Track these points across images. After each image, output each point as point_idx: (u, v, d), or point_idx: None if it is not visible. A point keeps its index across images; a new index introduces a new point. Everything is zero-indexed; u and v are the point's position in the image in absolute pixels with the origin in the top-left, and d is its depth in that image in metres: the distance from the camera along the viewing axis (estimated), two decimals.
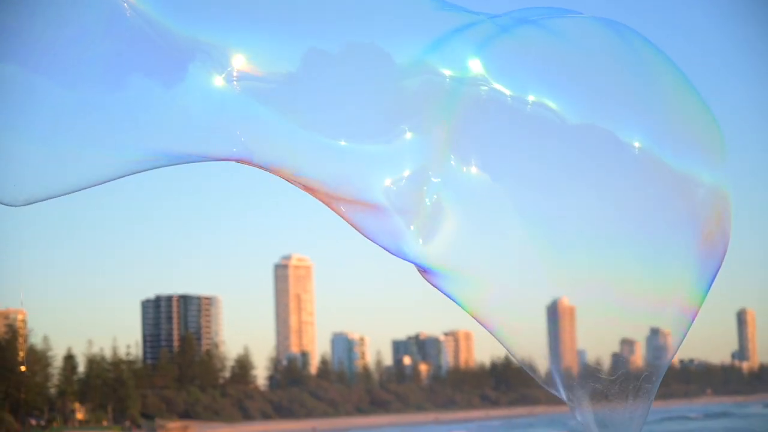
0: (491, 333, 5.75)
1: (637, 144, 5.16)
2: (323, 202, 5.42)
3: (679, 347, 5.62)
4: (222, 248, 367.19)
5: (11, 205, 5.10)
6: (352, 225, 5.63)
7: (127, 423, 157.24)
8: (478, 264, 5.44)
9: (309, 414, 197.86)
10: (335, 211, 5.52)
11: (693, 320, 5.44)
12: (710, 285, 5.33)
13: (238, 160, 5.27)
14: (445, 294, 5.62)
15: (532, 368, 5.83)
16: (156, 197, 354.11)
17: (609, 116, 5.16)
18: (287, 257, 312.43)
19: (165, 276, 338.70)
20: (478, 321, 5.71)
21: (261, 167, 5.33)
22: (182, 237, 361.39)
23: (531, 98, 5.12)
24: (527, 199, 5.22)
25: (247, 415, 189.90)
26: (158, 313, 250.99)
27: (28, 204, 5.14)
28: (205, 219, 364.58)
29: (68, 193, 5.20)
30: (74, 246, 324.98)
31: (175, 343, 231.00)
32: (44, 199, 5.16)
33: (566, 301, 5.44)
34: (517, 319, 5.63)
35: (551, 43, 5.20)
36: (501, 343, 5.77)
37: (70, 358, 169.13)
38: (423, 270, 5.58)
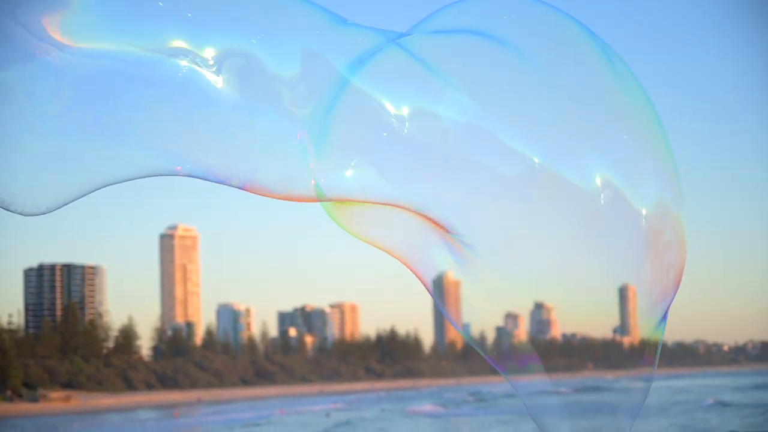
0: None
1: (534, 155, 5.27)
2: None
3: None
4: (107, 217, 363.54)
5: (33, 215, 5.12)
6: None
7: (9, 392, 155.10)
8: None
9: (193, 384, 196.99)
10: None
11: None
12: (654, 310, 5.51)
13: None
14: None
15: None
16: None
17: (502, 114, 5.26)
18: (173, 227, 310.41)
19: (48, 244, 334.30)
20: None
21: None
22: (66, 205, 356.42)
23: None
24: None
25: (130, 386, 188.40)
26: (41, 281, 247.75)
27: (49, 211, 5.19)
28: None
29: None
30: None
31: (58, 313, 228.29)
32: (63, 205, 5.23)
33: (451, 275, 5.50)
34: None
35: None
36: None
37: None
38: None
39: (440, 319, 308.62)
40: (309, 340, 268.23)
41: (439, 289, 5.57)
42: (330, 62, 5.28)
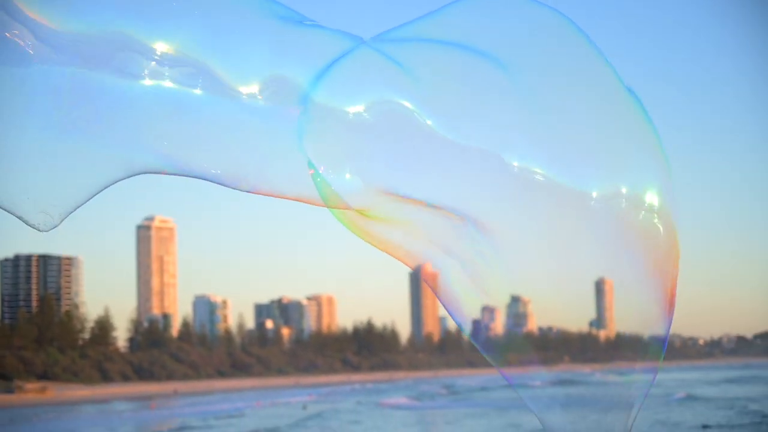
0: None
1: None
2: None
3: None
4: (83, 208, 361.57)
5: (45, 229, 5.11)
6: None
7: None
8: None
9: (170, 376, 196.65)
10: None
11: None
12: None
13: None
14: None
15: None
16: None
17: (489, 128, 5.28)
18: (150, 218, 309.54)
19: (24, 235, 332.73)
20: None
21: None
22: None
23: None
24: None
25: (106, 377, 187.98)
26: (17, 272, 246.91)
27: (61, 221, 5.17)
28: None
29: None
30: None
31: (34, 304, 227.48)
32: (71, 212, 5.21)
33: (429, 267, 5.50)
34: None
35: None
36: None
37: None
38: None
39: (417, 311, 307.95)
40: (286, 332, 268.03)
41: (417, 282, 5.58)
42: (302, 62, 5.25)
